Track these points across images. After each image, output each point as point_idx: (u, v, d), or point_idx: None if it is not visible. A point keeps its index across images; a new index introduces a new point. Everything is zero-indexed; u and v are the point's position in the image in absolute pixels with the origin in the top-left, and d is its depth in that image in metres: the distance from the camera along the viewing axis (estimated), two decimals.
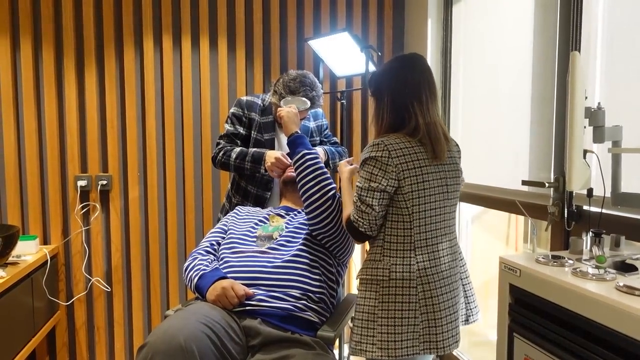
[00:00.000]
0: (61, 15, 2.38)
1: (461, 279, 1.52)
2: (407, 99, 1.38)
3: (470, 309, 1.56)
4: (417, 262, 1.36)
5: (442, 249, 1.40)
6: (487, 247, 2.69)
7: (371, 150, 1.37)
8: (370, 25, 2.70)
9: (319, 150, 2.02)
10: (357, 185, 1.39)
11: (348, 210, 1.45)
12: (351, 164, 1.67)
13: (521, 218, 2.75)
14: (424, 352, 1.36)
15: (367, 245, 1.49)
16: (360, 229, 1.37)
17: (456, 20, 2.39)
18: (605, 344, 0.97)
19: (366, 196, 1.35)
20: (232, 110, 2.05)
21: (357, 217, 1.37)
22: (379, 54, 2.66)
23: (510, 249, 2.80)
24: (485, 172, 2.12)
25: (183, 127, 2.53)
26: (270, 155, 1.87)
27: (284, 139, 2.04)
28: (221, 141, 2.02)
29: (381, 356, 1.33)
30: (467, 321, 1.56)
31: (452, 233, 1.47)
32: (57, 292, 2.43)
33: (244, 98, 2.05)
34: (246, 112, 2.02)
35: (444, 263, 1.40)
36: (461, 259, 1.53)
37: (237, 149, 1.96)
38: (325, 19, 2.64)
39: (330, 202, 1.58)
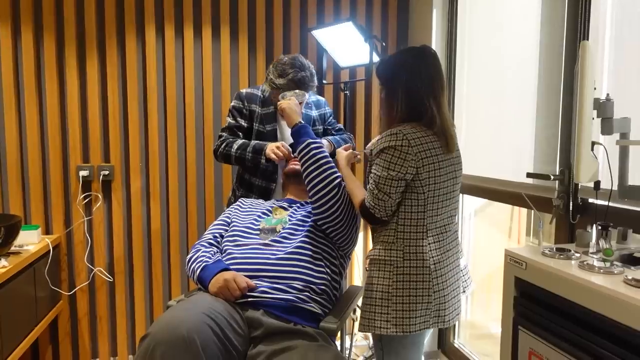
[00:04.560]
0: (62, 4, 2.35)
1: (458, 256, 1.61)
2: (423, 94, 1.43)
3: (465, 281, 1.63)
4: (429, 244, 1.43)
5: (449, 231, 1.50)
6: (490, 240, 2.69)
7: (390, 140, 1.40)
8: (375, 15, 2.67)
9: (324, 141, 2.01)
10: (374, 173, 1.44)
11: (358, 195, 1.51)
12: (347, 150, 1.72)
13: (524, 211, 2.74)
14: (432, 326, 1.44)
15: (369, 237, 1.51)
16: (376, 215, 1.43)
17: (461, 10, 2.36)
18: (612, 337, 0.97)
19: (384, 184, 1.40)
20: (232, 103, 2.05)
21: (373, 203, 1.43)
22: (383, 44, 2.63)
23: (513, 242, 2.80)
24: (489, 164, 2.11)
25: (185, 117, 2.52)
26: (271, 146, 1.88)
27: (286, 130, 2.03)
28: (223, 134, 2.03)
29: (396, 332, 1.41)
30: (463, 292, 1.64)
31: (455, 216, 1.57)
32: (60, 282, 2.44)
33: (244, 90, 2.05)
34: (246, 104, 2.02)
35: (450, 243, 1.50)
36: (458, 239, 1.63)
37: (239, 141, 1.97)
38: (329, 8, 2.61)
39: (336, 190, 1.57)
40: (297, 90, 1.86)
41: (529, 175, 1.72)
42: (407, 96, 1.44)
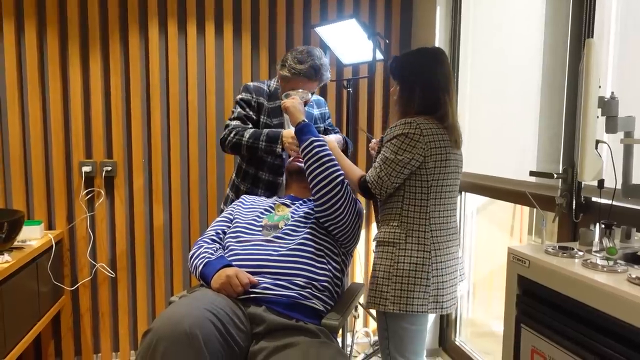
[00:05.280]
0: (66, 1, 2.35)
1: None
2: (439, 92, 1.55)
3: (461, 275, 1.70)
4: (432, 230, 1.52)
5: (450, 223, 1.58)
6: (492, 238, 2.68)
7: (404, 128, 1.50)
8: (378, 12, 2.67)
9: (337, 137, 2.00)
10: (383, 154, 1.53)
11: (356, 172, 1.64)
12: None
13: (526, 209, 2.73)
14: (431, 311, 1.52)
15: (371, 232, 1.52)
16: (372, 190, 1.54)
17: (465, 8, 2.35)
18: (615, 335, 0.96)
19: (389, 166, 1.50)
20: (240, 96, 2.02)
21: (373, 180, 1.53)
22: (387, 41, 2.63)
23: (515, 240, 2.79)
24: (492, 163, 2.10)
25: (188, 113, 2.52)
26: (287, 136, 1.85)
27: None
28: (231, 123, 1.97)
29: (393, 309, 1.51)
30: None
31: (456, 210, 1.65)
32: (62, 277, 2.44)
33: (251, 83, 2.04)
34: (255, 96, 2.01)
35: (451, 235, 1.58)
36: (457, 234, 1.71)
37: (250, 130, 1.92)
38: (333, 5, 2.61)
39: (339, 188, 1.57)
40: (300, 90, 1.87)
41: (532, 173, 1.71)
42: (425, 93, 1.54)
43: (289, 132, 1.86)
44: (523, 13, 1.90)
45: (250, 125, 1.98)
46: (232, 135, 1.92)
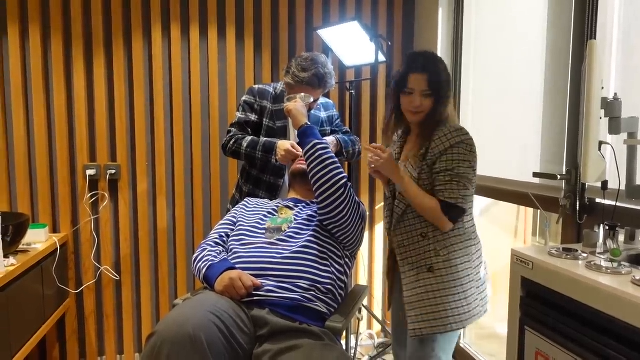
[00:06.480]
0: (70, 4, 2.37)
1: None
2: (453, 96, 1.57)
3: None
4: (470, 233, 1.51)
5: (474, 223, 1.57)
6: (496, 240, 2.68)
7: (463, 135, 1.45)
8: (380, 14, 2.67)
9: (331, 139, 2.01)
10: (459, 167, 1.41)
11: (430, 201, 1.43)
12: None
13: (530, 211, 2.72)
14: (483, 314, 1.50)
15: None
16: (465, 207, 1.43)
17: (467, 9, 2.35)
18: (620, 337, 0.96)
19: (472, 177, 1.44)
20: (244, 98, 2.06)
21: (462, 197, 1.41)
22: (389, 43, 2.63)
23: (519, 242, 2.78)
24: (496, 164, 2.10)
25: (191, 117, 2.53)
26: (281, 147, 1.87)
27: None
28: (232, 129, 2.02)
29: (470, 324, 1.45)
30: None
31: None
32: (67, 280, 2.45)
33: (256, 86, 2.07)
34: (258, 99, 2.03)
35: (473, 232, 1.56)
36: None
37: (249, 138, 1.96)
38: (335, 8, 2.61)
39: (342, 190, 1.57)
40: (302, 94, 1.88)
41: (535, 175, 1.71)
42: (452, 100, 1.53)
43: (283, 143, 1.88)
44: (525, 15, 1.90)
45: (250, 131, 2.01)
46: (231, 142, 1.98)
